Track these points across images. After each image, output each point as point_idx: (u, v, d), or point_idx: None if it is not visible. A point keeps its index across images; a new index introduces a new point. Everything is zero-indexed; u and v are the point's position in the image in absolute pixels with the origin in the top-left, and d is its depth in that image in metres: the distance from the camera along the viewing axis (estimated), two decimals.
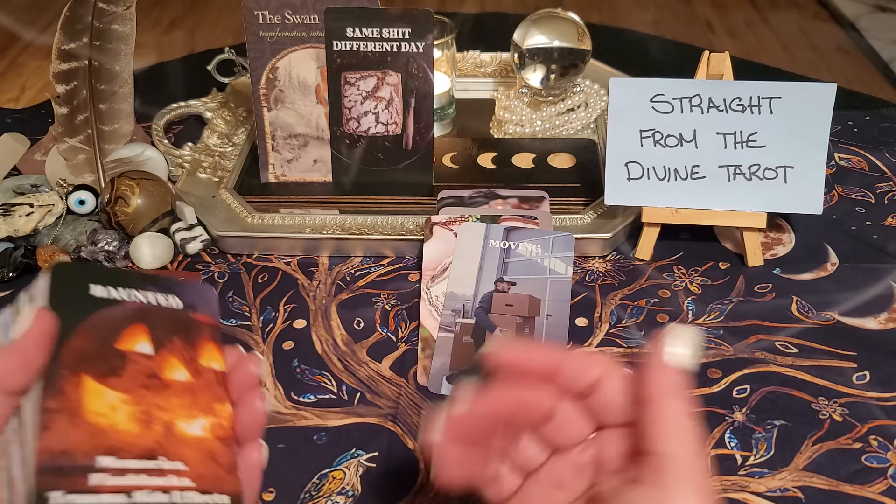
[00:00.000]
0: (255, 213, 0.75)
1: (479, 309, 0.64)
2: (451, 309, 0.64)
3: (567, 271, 0.66)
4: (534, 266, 0.66)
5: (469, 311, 0.64)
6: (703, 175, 0.68)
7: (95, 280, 0.35)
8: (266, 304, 0.68)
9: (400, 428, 0.57)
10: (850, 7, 1.30)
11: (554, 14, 0.86)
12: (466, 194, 0.75)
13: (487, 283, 0.65)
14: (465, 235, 0.69)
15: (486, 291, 0.65)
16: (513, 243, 0.68)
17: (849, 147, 0.87)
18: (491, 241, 0.68)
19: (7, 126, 0.88)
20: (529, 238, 0.68)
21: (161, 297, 0.38)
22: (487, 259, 0.67)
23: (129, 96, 0.78)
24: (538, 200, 0.74)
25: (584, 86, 0.90)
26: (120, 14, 0.78)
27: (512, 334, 0.62)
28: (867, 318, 0.65)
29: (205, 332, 0.39)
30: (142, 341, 0.36)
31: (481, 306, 0.64)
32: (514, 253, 0.67)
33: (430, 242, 0.69)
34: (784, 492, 0.52)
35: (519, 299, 0.64)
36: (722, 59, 0.68)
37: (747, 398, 0.58)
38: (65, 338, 0.33)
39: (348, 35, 0.74)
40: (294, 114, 0.78)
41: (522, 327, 0.63)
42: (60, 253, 0.71)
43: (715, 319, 0.65)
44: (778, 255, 0.72)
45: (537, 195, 0.75)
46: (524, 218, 0.71)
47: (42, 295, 0.33)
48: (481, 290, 0.65)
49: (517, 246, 0.68)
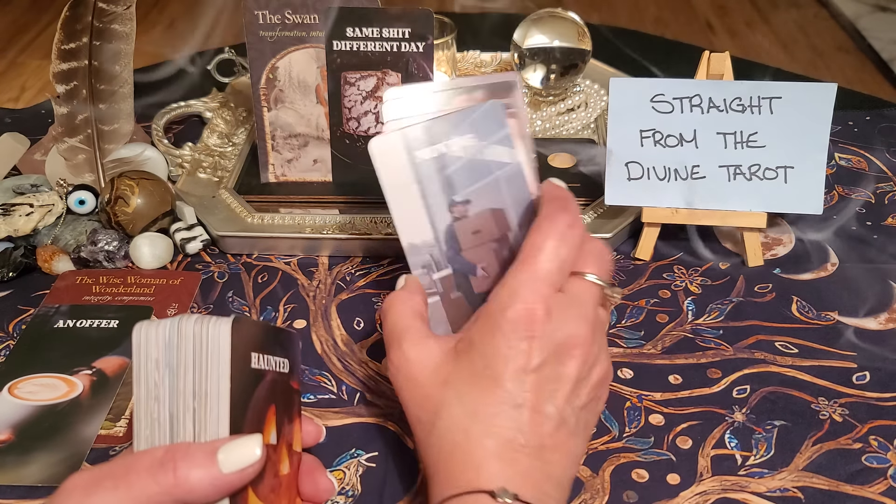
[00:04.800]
0: (255, 212, 0.75)
1: (449, 252, 0.50)
2: (421, 266, 0.51)
3: (513, 156, 0.49)
4: (476, 167, 0.49)
5: (440, 260, 0.50)
6: (703, 175, 0.68)
7: (254, 345, 0.33)
8: (266, 304, 0.68)
9: (400, 428, 0.57)
10: (850, 7, 1.30)
11: (554, 14, 0.86)
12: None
13: (441, 213, 0.49)
14: (383, 159, 0.49)
15: (445, 225, 0.50)
16: (443, 146, 0.49)
17: (849, 147, 0.87)
18: (416, 153, 0.49)
19: (7, 126, 0.88)
20: (457, 129, 0.48)
21: (281, 361, 0.36)
22: (425, 180, 0.49)
23: (128, 96, 0.78)
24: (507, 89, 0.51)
25: (584, 86, 0.90)
26: (120, 14, 0.78)
27: (494, 266, 0.50)
28: (867, 318, 0.65)
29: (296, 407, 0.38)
30: (272, 430, 0.34)
31: (450, 248, 0.50)
32: (450, 158, 0.49)
33: None
34: (784, 492, 0.52)
35: (483, 219, 0.49)
36: (722, 59, 0.68)
37: (747, 398, 0.58)
38: None
39: (348, 35, 0.74)
40: (294, 114, 0.78)
41: (500, 252, 0.50)
42: (60, 253, 0.71)
43: (715, 319, 0.65)
44: (778, 255, 0.72)
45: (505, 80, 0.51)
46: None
47: (224, 382, 0.30)
48: (440, 226, 0.50)
49: (448, 147, 0.49)
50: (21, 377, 0.60)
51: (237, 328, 0.31)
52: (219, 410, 0.30)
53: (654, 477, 0.53)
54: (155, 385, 0.31)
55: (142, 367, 0.31)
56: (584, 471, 0.53)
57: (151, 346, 0.31)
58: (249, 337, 0.33)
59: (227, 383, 0.30)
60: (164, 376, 0.31)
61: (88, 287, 0.69)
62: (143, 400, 0.31)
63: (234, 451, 0.30)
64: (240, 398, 0.31)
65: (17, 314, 0.67)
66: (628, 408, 0.58)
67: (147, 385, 0.31)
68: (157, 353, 0.31)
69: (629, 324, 0.65)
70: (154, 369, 0.31)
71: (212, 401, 0.30)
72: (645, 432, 0.56)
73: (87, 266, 0.71)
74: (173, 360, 0.31)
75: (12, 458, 0.55)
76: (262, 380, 0.33)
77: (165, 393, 0.31)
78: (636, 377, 0.60)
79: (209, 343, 0.31)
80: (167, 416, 0.31)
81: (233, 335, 0.31)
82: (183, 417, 0.31)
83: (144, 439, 0.31)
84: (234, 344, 0.31)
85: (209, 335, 0.31)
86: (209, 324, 0.31)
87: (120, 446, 0.56)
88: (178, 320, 0.31)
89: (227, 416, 0.30)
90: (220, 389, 0.30)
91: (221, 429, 0.30)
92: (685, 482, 0.53)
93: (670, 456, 0.54)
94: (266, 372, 0.33)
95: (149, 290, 0.69)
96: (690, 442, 0.55)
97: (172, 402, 0.31)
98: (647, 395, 0.59)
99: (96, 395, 0.59)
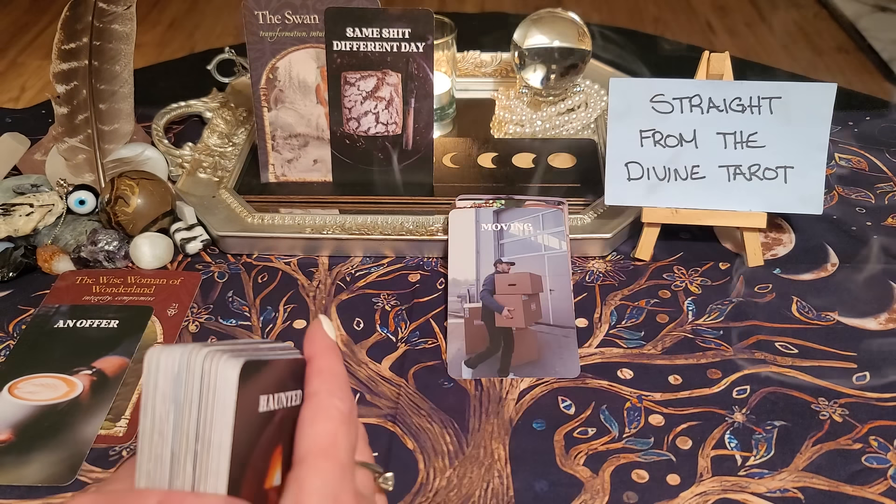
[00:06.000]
0: (255, 213, 0.75)
1: (483, 292, 0.66)
2: (457, 295, 0.66)
3: (561, 245, 0.68)
4: (529, 244, 0.69)
5: (474, 295, 0.66)
6: (703, 175, 0.68)
7: (264, 388, 0.31)
8: (266, 304, 0.68)
9: (400, 428, 0.57)
10: (850, 7, 1.30)
11: (554, 14, 0.86)
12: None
13: (487, 266, 0.68)
14: (457, 222, 0.70)
15: (488, 274, 0.67)
16: (504, 225, 0.70)
17: (849, 147, 0.87)
18: (482, 224, 0.70)
19: (7, 126, 0.88)
20: (520, 218, 0.70)
21: (294, 394, 0.34)
22: (482, 242, 0.69)
23: (129, 96, 0.78)
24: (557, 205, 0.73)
25: (584, 86, 0.90)
26: (120, 14, 0.78)
27: (519, 312, 0.65)
28: (867, 318, 0.65)
29: None
30: (277, 471, 0.33)
31: (485, 289, 0.66)
32: (508, 234, 0.69)
33: None
34: (784, 492, 0.52)
35: (521, 277, 0.67)
36: (722, 59, 0.68)
37: (747, 399, 0.58)
38: None
39: (348, 35, 0.74)
40: (294, 114, 0.78)
41: (529, 304, 0.65)
42: (60, 253, 0.71)
43: (715, 319, 0.65)
44: (778, 255, 0.72)
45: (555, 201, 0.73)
46: (548, 203, 0.72)
47: (227, 426, 0.29)
48: (482, 274, 0.67)
49: (509, 227, 0.70)
50: (21, 377, 0.60)
51: (246, 374, 0.30)
52: (219, 463, 0.30)
53: (654, 477, 0.53)
54: (160, 419, 0.30)
55: (149, 398, 0.31)
56: (584, 471, 0.53)
57: (161, 378, 0.30)
58: (260, 379, 0.31)
59: (228, 437, 0.30)
60: (169, 411, 0.30)
61: (88, 287, 0.69)
62: (148, 433, 0.31)
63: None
64: (243, 448, 0.30)
65: (17, 314, 0.67)
66: (628, 408, 0.58)
67: (153, 417, 0.30)
68: (165, 385, 0.30)
69: (629, 324, 0.65)
70: (161, 402, 0.30)
71: (213, 450, 0.30)
72: (645, 433, 0.56)
73: (87, 266, 0.71)
74: (180, 395, 0.30)
75: (12, 458, 0.55)
76: (270, 422, 0.32)
77: (169, 429, 0.30)
78: (636, 377, 0.60)
79: (216, 386, 0.30)
80: (168, 455, 0.30)
81: (241, 382, 0.30)
82: (184, 459, 0.30)
83: (146, 474, 0.31)
84: (241, 392, 0.30)
85: (217, 378, 0.30)
86: (219, 364, 0.30)
87: (120, 446, 0.56)
88: (188, 352, 0.30)
89: (227, 472, 0.30)
90: (221, 441, 0.30)
91: (220, 483, 0.30)
92: (685, 483, 0.53)
93: (670, 456, 0.54)
94: (275, 412, 0.32)
95: (149, 291, 0.69)
96: (690, 442, 0.55)
97: (175, 440, 0.30)
98: (647, 396, 0.59)
99: (96, 395, 0.59)
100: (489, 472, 0.54)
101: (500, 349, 0.62)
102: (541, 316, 0.64)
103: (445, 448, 0.55)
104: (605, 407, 0.58)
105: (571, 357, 0.61)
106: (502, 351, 0.62)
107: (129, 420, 0.58)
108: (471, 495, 0.52)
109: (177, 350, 0.30)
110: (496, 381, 0.60)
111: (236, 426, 0.30)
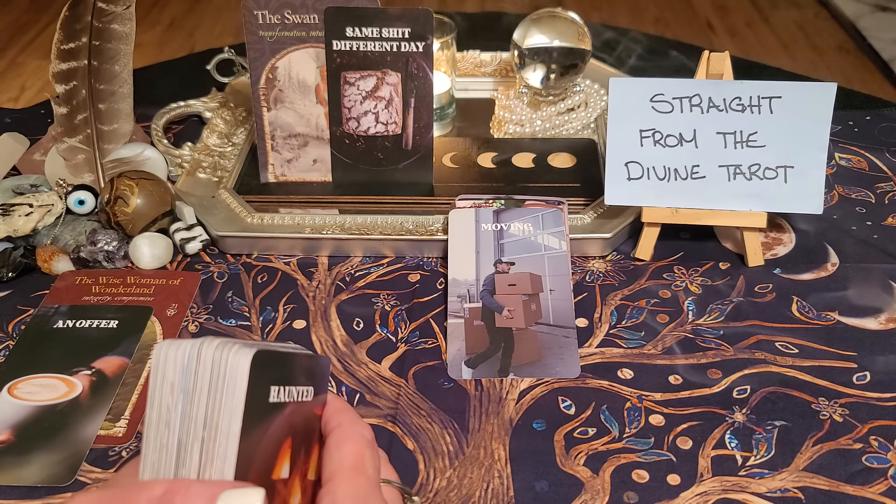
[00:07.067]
0: (255, 213, 0.75)
1: (483, 292, 0.66)
2: (457, 295, 0.66)
3: (561, 245, 0.68)
4: (529, 244, 0.69)
5: (474, 295, 0.66)
6: (703, 175, 0.68)
7: (275, 379, 0.32)
8: (266, 304, 0.68)
9: (400, 428, 0.57)
10: (850, 7, 1.30)
11: (554, 14, 0.86)
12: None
13: (487, 266, 0.68)
14: (457, 222, 0.70)
15: (488, 274, 0.67)
16: (504, 225, 0.70)
17: (849, 147, 0.87)
18: (482, 224, 0.70)
19: (7, 126, 0.88)
20: (520, 218, 0.70)
21: (304, 389, 0.34)
22: (482, 242, 0.69)
23: (128, 96, 0.78)
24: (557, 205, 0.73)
25: (584, 86, 0.90)
26: (120, 14, 0.78)
27: (520, 312, 0.64)
28: (867, 318, 0.65)
29: (317, 434, 0.37)
30: (285, 463, 0.33)
31: (485, 289, 0.66)
32: (508, 234, 0.69)
33: None
34: (784, 492, 0.52)
35: (521, 277, 0.67)
36: (722, 58, 0.68)
37: (747, 398, 0.58)
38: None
39: (348, 35, 0.74)
40: (294, 114, 0.78)
41: (529, 305, 0.65)
42: (60, 253, 0.71)
43: (715, 319, 0.65)
44: (778, 255, 0.72)
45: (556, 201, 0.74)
46: (548, 203, 0.72)
47: (235, 421, 0.29)
48: (482, 274, 0.67)
49: (509, 227, 0.69)
50: (21, 377, 0.60)
51: (258, 362, 0.30)
52: (227, 448, 0.30)
53: (654, 477, 0.53)
54: (167, 410, 0.30)
55: (156, 389, 0.31)
56: (585, 471, 0.53)
57: (169, 369, 0.30)
58: (271, 370, 0.32)
59: (238, 423, 0.30)
60: (177, 401, 0.30)
61: (88, 287, 0.69)
62: (154, 424, 0.31)
63: (233, 502, 0.29)
64: (251, 436, 0.30)
65: (16, 314, 0.67)
66: (628, 408, 0.58)
67: (160, 409, 0.30)
68: (174, 376, 0.30)
69: (629, 324, 0.65)
70: (168, 394, 0.30)
71: (221, 436, 0.30)
72: (645, 433, 0.56)
73: (87, 266, 0.71)
74: (189, 385, 0.30)
75: (12, 458, 0.55)
76: (279, 413, 0.32)
77: (176, 419, 0.30)
78: (636, 377, 0.60)
79: (227, 374, 0.30)
80: (175, 444, 0.30)
81: (252, 370, 0.30)
82: (191, 446, 0.30)
83: (150, 465, 0.31)
84: (252, 379, 0.30)
85: (228, 366, 0.30)
86: (230, 352, 0.30)
87: (119, 446, 0.56)
88: (200, 344, 0.30)
89: (235, 457, 0.29)
90: (230, 427, 0.30)
91: (227, 468, 0.30)
92: (685, 483, 0.53)
93: (670, 456, 0.54)
94: (286, 405, 0.32)
95: (148, 291, 0.69)
96: (691, 442, 0.55)
97: (182, 428, 0.30)
98: (648, 396, 0.59)
99: (96, 395, 0.59)
100: (489, 472, 0.54)
101: (501, 349, 0.62)
102: (541, 316, 0.64)
103: (445, 448, 0.55)
104: (606, 407, 0.58)
105: (571, 357, 0.61)
106: (502, 351, 0.62)
107: (129, 420, 0.58)
108: (471, 495, 0.52)
109: (186, 343, 0.31)
110: (496, 381, 0.60)
111: (246, 413, 0.30)
